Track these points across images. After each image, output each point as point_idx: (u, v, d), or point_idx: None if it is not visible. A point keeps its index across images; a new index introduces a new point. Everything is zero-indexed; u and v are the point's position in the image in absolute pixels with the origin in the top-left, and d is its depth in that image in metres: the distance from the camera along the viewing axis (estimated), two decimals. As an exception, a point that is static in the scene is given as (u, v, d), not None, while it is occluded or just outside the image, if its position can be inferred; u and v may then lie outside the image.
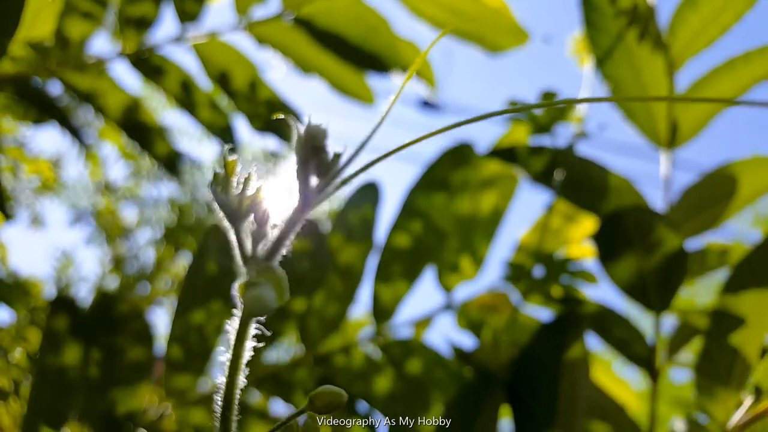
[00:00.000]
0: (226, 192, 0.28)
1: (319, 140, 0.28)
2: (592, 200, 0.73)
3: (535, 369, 0.69)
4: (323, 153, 0.28)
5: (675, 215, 0.72)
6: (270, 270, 0.27)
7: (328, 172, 0.28)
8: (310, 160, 0.28)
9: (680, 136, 0.70)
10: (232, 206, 0.28)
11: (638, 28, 0.67)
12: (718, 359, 0.70)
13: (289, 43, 0.90)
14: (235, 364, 0.26)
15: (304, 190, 0.28)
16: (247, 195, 0.28)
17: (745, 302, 0.68)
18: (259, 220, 0.28)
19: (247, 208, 0.28)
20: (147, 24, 0.86)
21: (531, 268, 0.74)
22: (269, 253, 0.28)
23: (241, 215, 0.28)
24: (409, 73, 0.31)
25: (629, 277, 0.68)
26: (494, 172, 0.79)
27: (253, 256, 0.28)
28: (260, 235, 0.28)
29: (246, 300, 0.25)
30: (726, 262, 0.75)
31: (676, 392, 1.03)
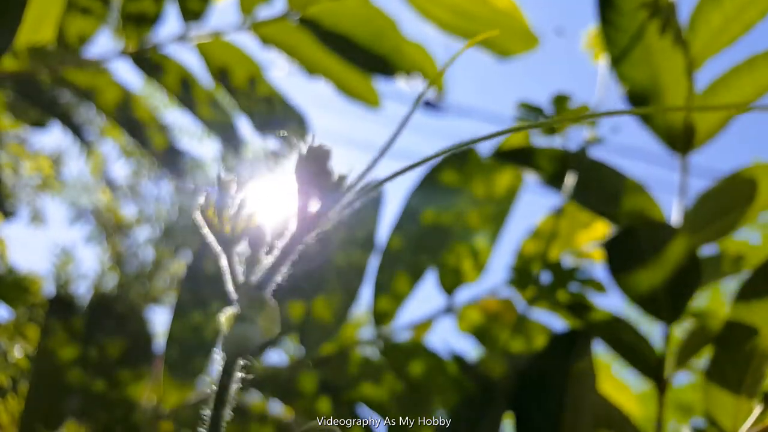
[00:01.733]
0: (218, 214, 0.26)
1: (322, 162, 0.26)
2: (604, 204, 0.71)
3: (542, 381, 0.68)
4: (326, 176, 0.26)
5: (690, 221, 0.71)
6: (261, 301, 0.25)
7: (330, 196, 0.26)
8: (312, 183, 0.26)
9: (697, 139, 0.69)
10: (223, 230, 0.26)
11: (659, 22, 0.65)
12: (728, 368, 0.69)
13: (294, 43, 0.88)
14: (221, 398, 0.25)
15: (304, 214, 0.26)
16: (241, 218, 0.27)
17: (759, 311, 0.67)
18: (252, 245, 0.27)
19: (240, 233, 0.26)
20: (149, 22, 0.84)
21: (537, 274, 0.72)
22: (262, 281, 0.26)
23: (233, 240, 0.26)
24: (425, 85, 0.29)
25: (640, 289, 0.67)
26: (498, 173, 0.77)
27: (245, 284, 0.26)
28: (253, 261, 0.26)
29: (228, 339, 0.24)
30: (741, 268, 0.74)
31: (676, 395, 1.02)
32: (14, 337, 1.10)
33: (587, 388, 0.70)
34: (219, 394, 0.25)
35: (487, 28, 0.86)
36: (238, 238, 0.26)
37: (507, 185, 0.79)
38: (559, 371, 0.68)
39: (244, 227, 0.26)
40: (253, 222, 0.26)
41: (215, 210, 0.26)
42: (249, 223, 0.26)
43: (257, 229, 0.26)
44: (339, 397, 0.79)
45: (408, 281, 0.80)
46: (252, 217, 0.26)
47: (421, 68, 0.89)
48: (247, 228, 0.26)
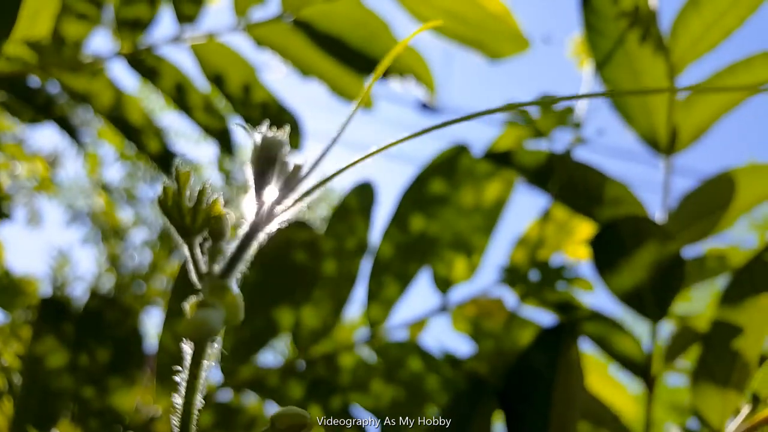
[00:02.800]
0: (178, 206, 0.27)
1: (275, 151, 0.27)
2: (589, 205, 0.72)
3: (530, 377, 0.69)
4: (281, 165, 0.27)
5: (673, 222, 0.72)
6: (224, 289, 0.26)
7: (288, 185, 0.27)
8: (267, 172, 0.27)
9: (680, 141, 0.70)
10: (183, 221, 0.27)
11: (640, 30, 0.66)
12: (715, 367, 0.70)
13: (288, 45, 0.89)
14: (191, 385, 0.25)
15: (261, 203, 0.27)
16: (201, 209, 0.27)
17: (744, 310, 0.68)
18: (214, 235, 0.27)
19: (200, 223, 0.27)
20: (144, 25, 0.85)
21: (527, 273, 0.73)
22: (225, 270, 0.26)
23: (193, 230, 0.27)
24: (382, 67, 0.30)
25: (626, 285, 0.68)
26: (490, 174, 0.78)
27: (208, 274, 0.26)
28: (215, 251, 0.27)
29: (188, 324, 0.24)
30: (725, 269, 0.75)
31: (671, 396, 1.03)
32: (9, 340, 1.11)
33: (576, 385, 0.71)
34: (189, 381, 0.25)
35: (479, 30, 0.87)
36: (198, 229, 0.27)
37: (499, 187, 0.80)
38: (546, 366, 0.69)
39: (204, 218, 0.27)
40: (213, 212, 0.27)
41: (174, 201, 0.27)
42: (210, 213, 0.27)
43: (218, 219, 0.27)
44: (332, 397, 0.80)
45: (401, 282, 0.81)
46: (212, 207, 0.27)
47: (413, 70, 0.90)
48: (207, 218, 0.27)
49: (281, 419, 0.26)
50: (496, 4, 0.87)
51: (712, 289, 0.82)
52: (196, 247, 0.27)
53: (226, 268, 0.26)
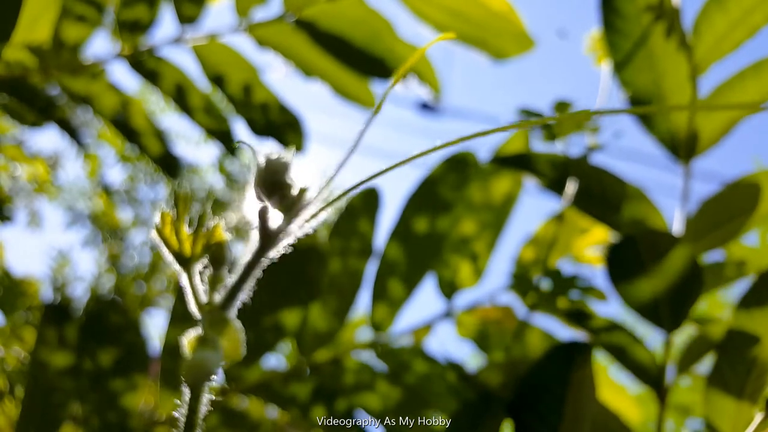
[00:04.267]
0: (176, 232, 0.25)
1: (280, 175, 0.25)
2: (606, 211, 0.70)
3: (540, 391, 0.67)
4: (285, 189, 0.25)
5: (692, 229, 0.70)
6: (224, 322, 0.24)
7: (292, 210, 0.25)
8: (271, 197, 0.25)
9: (700, 145, 0.68)
10: (182, 248, 0.25)
11: (664, 25, 0.64)
12: (730, 375, 0.68)
13: (290, 45, 0.87)
14: (190, 421, 0.23)
15: (265, 229, 0.25)
16: (201, 235, 0.25)
17: (761, 317, 0.66)
18: (214, 262, 0.25)
19: (200, 251, 0.25)
20: (144, 26, 0.83)
21: (537, 280, 0.71)
22: (226, 300, 0.25)
23: (192, 258, 0.25)
24: (399, 74, 0.28)
25: (641, 297, 0.66)
26: (497, 177, 0.76)
27: (207, 304, 0.25)
28: (216, 279, 0.25)
29: (189, 365, 0.22)
30: (744, 274, 0.73)
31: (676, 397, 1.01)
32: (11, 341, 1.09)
33: (586, 398, 0.69)
34: (188, 417, 0.23)
35: (482, 29, 0.85)
36: (198, 257, 0.25)
37: (506, 190, 0.78)
38: (558, 381, 0.67)
39: (204, 244, 0.25)
40: (213, 239, 0.25)
41: (172, 227, 0.25)
42: (209, 240, 0.25)
43: (218, 246, 0.25)
44: (337, 401, 0.78)
45: (405, 288, 0.79)
46: (213, 233, 0.25)
47: (417, 70, 0.88)
48: (207, 245, 0.25)
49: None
50: (500, 2, 0.85)
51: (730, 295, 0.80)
52: (196, 276, 0.25)
53: (226, 299, 0.24)
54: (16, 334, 1.10)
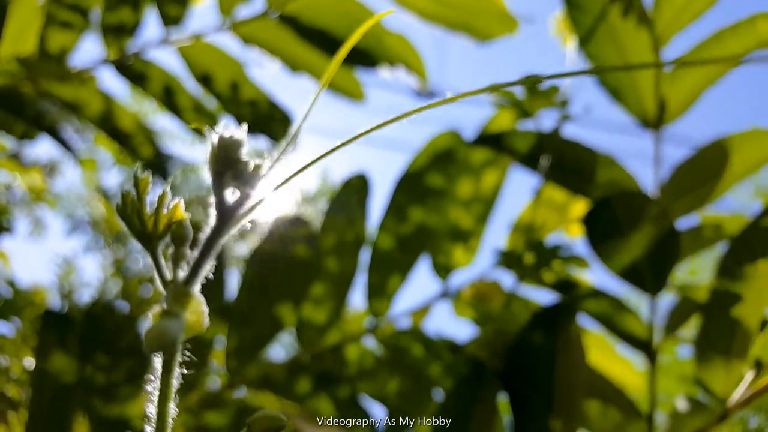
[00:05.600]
0: (138, 212, 0.26)
1: (233, 152, 0.26)
2: (581, 182, 0.72)
3: (529, 357, 0.69)
4: (239, 165, 0.26)
5: (666, 193, 0.71)
6: (186, 296, 0.25)
7: (247, 185, 0.26)
8: (225, 173, 0.26)
9: (669, 113, 0.69)
10: (144, 228, 0.26)
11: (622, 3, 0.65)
12: (716, 335, 0.69)
13: (274, 41, 0.89)
14: (164, 394, 0.25)
15: (222, 205, 0.26)
16: (162, 214, 0.27)
17: (742, 278, 0.68)
18: (176, 240, 0.27)
19: (162, 229, 0.27)
20: (129, 30, 0.85)
21: (523, 255, 0.73)
22: (189, 276, 0.26)
23: (155, 237, 0.26)
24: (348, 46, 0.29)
25: (622, 261, 0.68)
26: (483, 158, 0.78)
27: (173, 281, 0.26)
28: (178, 257, 0.26)
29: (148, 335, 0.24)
30: (721, 237, 0.74)
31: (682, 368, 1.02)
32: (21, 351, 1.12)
33: (577, 363, 0.71)
34: (161, 390, 0.25)
35: (467, 13, 0.86)
36: (160, 235, 0.27)
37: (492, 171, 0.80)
38: (545, 345, 0.69)
39: (166, 223, 0.27)
40: (174, 218, 0.27)
41: (134, 208, 0.26)
42: (171, 218, 0.27)
43: (179, 224, 0.27)
44: (339, 388, 0.80)
45: (400, 272, 0.81)
46: (173, 212, 0.27)
47: (403, 58, 0.90)
48: (169, 224, 0.27)
49: (258, 422, 0.26)
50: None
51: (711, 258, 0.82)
52: (159, 254, 0.27)
53: (189, 275, 0.26)
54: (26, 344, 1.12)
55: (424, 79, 0.92)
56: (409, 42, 0.89)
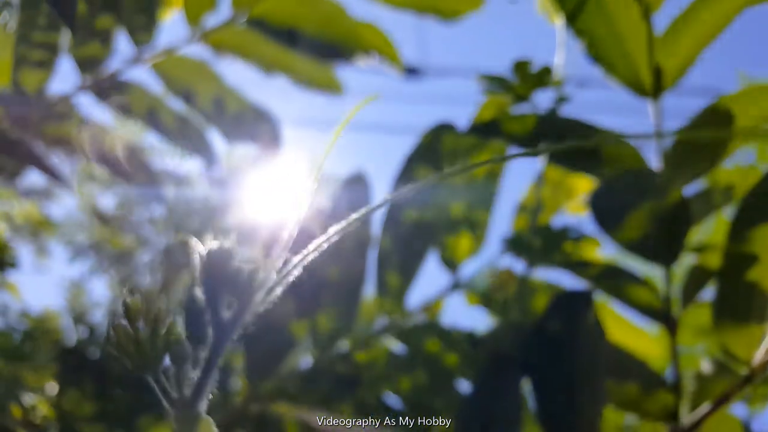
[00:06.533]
0: (134, 341, 0.25)
1: (225, 265, 0.25)
2: (583, 161, 0.70)
3: (549, 342, 0.68)
4: (233, 277, 0.25)
5: (670, 162, 0.70)
6: (195, 418, 0.24)
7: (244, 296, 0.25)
8: (219, 288, 0.25)
9: (665, 80, 0.67)
10: (141, 356, 0.25)
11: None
12: (734, 298, 0.68)
13: (246, 46, 0.87)
14: None
15: (218, 322, 0.25)
16: (158, 337, 0.25)
17: (756, 237, 0.67)
18: (175, 361, 0.25)
19: (160, 352, 0.25)
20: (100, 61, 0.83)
21: (531, 240, 0.72)
22: (194, 395, 0.25)
23: (154, 361, 0.25)
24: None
25: (632, 236, 0.66)
26: (478, 147, 0.76)
27: (179, 400, 0.25)
28: (181, 378, 0.25)
29: None
30: (732, 199, 0.73)
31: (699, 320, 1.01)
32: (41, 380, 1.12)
33: (597, 344, 0.70)
34: None
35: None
36: (159, 359, 0.25)
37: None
38: (564, 332, 0.68)
39: (163, 346, 0.25)
40: (171, 337, 0.26)
41: (128, 338, 0.25)
42: (168, 339, 0.26)
43: (176, 343, 0.26)
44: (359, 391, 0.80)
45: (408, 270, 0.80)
46: (170, 333, 0.26)
47: (377, 47, 0.88)
48: (167, 345, 0.25)
49: None
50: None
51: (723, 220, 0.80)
52: (161, 378, 0.25)
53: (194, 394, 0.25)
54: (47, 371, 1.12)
55: (399, 65, 0.90)
56: (380, 31, 0.87)
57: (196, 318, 0.25)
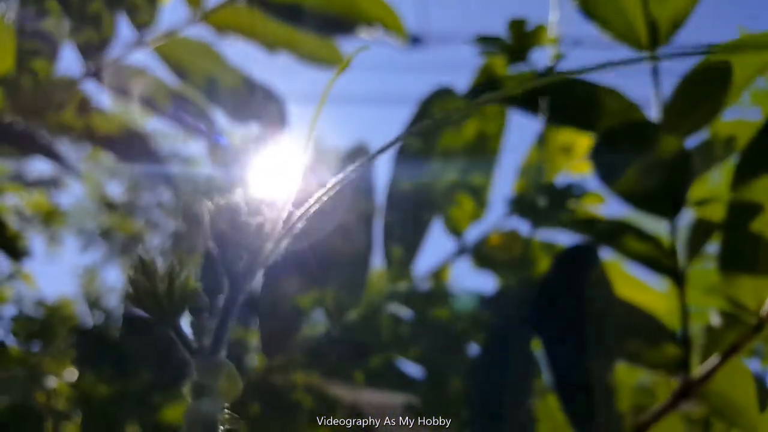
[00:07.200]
0: (152, 294, 0.26)
1: (233, 218, 0.26)
2: (583, 118, 0.71)
3: (557, 299, 0.69)
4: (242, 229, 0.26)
5: (670, 114, 0.70)
6: (216, 366, 0.26)
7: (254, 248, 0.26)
8: (229, 241, 0.26)
9: (661, 34, 0.67)
10: (160, 308, 0.26)
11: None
12: (740, 249, 0.69)
13: (248, 24, 0.88)
14: None
15: (231, 274, 0.26)
16: (175, 290, 0.26)
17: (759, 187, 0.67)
18: (193, 311, 0.27)
19: (178, 304, 0.26)
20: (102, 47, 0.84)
21: (535, 199, 0.73)
22: (214, 344, 0.26)
23: (173, 313, 0.26)
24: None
25: (634, 191, 0.67)
26: (480, 109, 0.77)
27: (199, 349, 0.26)
28: (199, 328, 0.26)
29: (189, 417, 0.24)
30: (734, 150, 0.73)
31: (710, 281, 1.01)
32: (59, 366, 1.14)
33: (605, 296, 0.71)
34: None
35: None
36: (178, 310, 0.27)
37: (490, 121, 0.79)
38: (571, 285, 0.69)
39: (180, 297, 0.27)
40: (188, 289, 0.27)
41: (146, 291, 0.26)
42: (184, 291, 0.27)
43: (192, 295, 0.27)
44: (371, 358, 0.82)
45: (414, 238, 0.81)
46: (186, 284, 0.27)
47: (379, 18, 0.88)
48: (184, 297, 0.27)
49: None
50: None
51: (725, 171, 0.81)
52: (180, 328, 0.27)
53: (214, 343, 0.26)
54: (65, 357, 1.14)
55: (403, 36, 0.90)
56: (383, 2, 0.87)
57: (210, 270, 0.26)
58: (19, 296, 1.09)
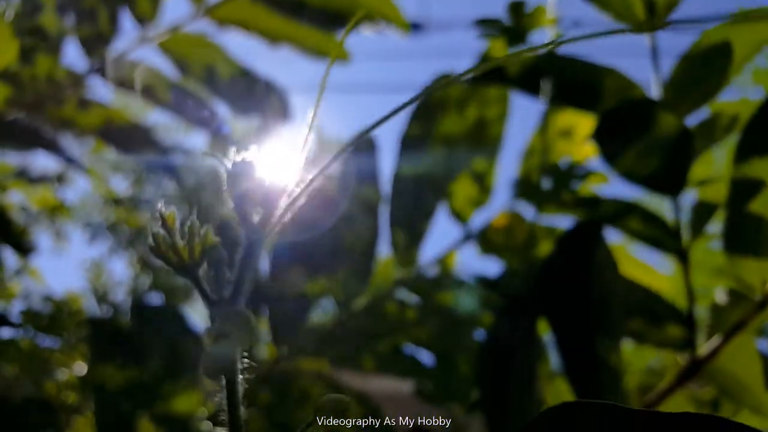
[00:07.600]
0: (173, 248, 0.27)
1: (249, 175, 0.27)
2: (584, 98, 0.71)
3: (563, 279, 0.70)
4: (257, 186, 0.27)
5: (670, 93, 0.70)
6: (235, 314, 0.26)
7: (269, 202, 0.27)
8: (245, 197, 0.27)
9: (659, 11, 0.68)
10: (181, 261, 0.27)
11: None
12: (743, 227, 0.69)
13: (250, 18, 0.88)
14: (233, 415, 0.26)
15: (249, 228, 0.27)
16: (195, 244, 0.27)
17: (760, 164, 0.67)
18: (214, 264, 0.27)
19: (198, 257, 0.27)
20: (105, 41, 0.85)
21: (539, 182, 0.73)
22: (233, 294, 0.27)
23: (193, 265, 0.27)
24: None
25: (637, 169, 0.67)
26: (482, 94, 0.77)
27: (219, 300, 0.27)
28: (219, 279, 0.27)
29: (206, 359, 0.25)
30: (734, 128, 0.74)
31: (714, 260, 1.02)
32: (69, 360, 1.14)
33: (610, 278, 0.72)
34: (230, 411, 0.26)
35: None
36: (198, 263, 0.27)
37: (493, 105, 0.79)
38: (576, 265, 0.70)
39: (201, 251, 0.27)
40: (207, 243, 0.27)
41: (167, 245, 0.27)
42: (204, 245, 0.27)
43: (212, 248, 0.27)
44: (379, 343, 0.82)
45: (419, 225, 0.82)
46: (206, 239, 0.27)
47: (380, 11, 0.88)
48: (204, 250, 0.27)
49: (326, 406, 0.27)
50: None
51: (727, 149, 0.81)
52: (201, 280, 0.27)
53: (233, 293, 0.27)
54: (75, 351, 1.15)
55: (403, 26, 0.90)
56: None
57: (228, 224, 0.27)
58: (27, 291, 1.10)
